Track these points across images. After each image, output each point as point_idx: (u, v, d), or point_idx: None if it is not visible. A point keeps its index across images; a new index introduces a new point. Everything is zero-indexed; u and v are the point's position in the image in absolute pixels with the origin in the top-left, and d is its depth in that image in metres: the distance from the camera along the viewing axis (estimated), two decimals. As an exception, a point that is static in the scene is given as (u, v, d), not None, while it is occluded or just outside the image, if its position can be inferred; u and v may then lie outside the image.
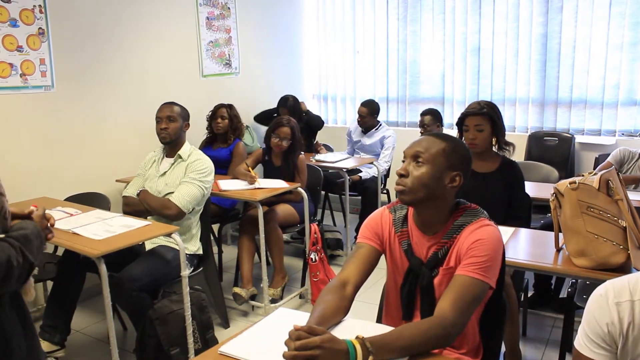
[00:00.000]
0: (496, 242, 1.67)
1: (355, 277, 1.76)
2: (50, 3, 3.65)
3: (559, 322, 3.34)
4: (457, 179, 1.71)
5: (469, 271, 1.61)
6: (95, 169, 3.98)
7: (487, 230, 1.67)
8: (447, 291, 1.62)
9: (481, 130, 2.85)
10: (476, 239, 1.65)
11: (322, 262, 3.79)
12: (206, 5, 4.83)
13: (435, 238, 1.73)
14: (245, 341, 1.63)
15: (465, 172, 1.73)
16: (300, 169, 4.04)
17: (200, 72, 4.86)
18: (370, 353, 1.41)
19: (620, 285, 1.30)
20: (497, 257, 1.66)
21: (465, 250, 1.65)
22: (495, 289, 1.68)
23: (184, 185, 3.18)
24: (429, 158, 1.70)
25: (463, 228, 1.70)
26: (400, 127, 5.76)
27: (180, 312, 2.83)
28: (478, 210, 1.76)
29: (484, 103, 2.93)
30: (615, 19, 4.64)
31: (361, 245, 1.84)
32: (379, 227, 1.85)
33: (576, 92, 4.92)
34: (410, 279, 1.77)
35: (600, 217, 2.15)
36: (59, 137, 3.79)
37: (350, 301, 1.73)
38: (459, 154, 1.73)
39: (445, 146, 1.72)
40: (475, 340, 1.78)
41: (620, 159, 3.70)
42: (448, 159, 1.70)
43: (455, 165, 1.71)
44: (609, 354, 1.29)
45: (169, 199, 3.14)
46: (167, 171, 3.30)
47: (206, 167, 3.28)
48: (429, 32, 5.52)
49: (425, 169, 1.69)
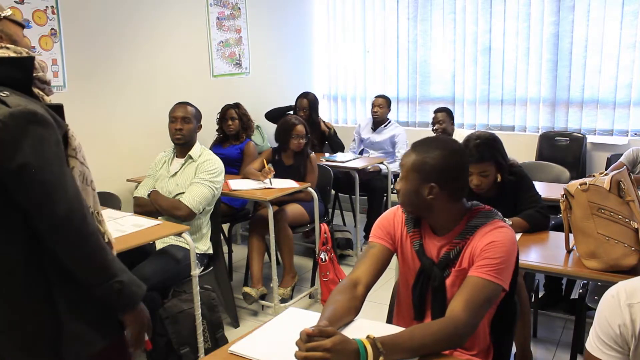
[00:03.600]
0: (510, 245, 1.66)
1: (366, 277, 1.76)
2: (62, 4, 3.68)
3: (569, 324, 3.32)
4: (434, 190, 1.67)
5: (482, 273, 1.61)
6: (106, 168, 4.00)
7: (502, 231, 1.66)
8: (459, 292, 1.62)
9: (486, 175, 2.63)
10: (490, 240, 1.64)
11: (332, 262, 3.79)
12: (216, 5, 4.85)
13: (447, 238, 1.73)
14: (255, 341, 1.63)
15: (442, 181, 1.67)
16: (311, 168, 4.05)
17: (211, 72, 4.87)
18: (381, 353, 1.41)
19: (632, 287, 1.29)
20: (511, 259, 1.65)
21: (479, 251, 1.64)
22: (508, 291, 1.68)
23: (195, 185, 3.19)
24: (404, 174, 1.74)
25: (477, 229, 1.69)
26: (411, 127, 5.74)
27: (191, 311, 2.85)
28: (492, 212, 1.75)
29: (482, 142, 2.62)
30: (627, 17, 4.60)
31: (373, 245, 1.84)
32: (391, 226, 1.85)
33: (588, 91, 4.88)
34: (422, 279, 1.76)
35: (611, 219, 2.13)
36: (71, 136, 3.80)
37: (361, 301, 1.73)
38: (429, 165, 1.67)
39: (414, 160, 1.70)
40: (486, 341, 1.78)
41: (632, 159, 3.67)
42: (419, 172, 1.69)
43: (429, 177, 1.68)
44: (621, 356, 1.28)
45: (180, 199, 3.16)
46: (178, 172, 3.31)
47: (216, 168, 3.29)
48: (439, 32, 5.50)
49: (403, 185, 1.74)
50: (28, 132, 1.31)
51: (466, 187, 1.77)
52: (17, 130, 1.30)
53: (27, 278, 1.40)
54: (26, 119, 1.31)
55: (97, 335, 1.49)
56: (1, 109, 1.29)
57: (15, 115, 1.30)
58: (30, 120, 1.32)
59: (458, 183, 1.72)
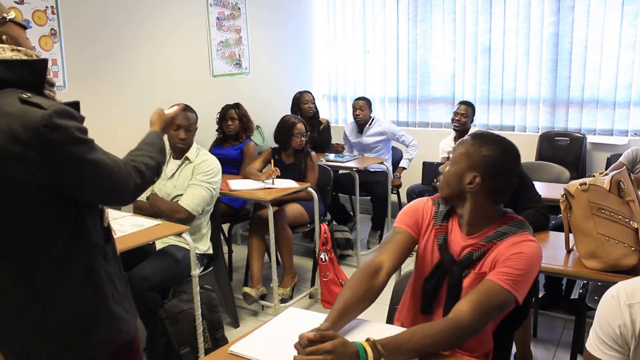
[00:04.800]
0: (536, 260, 1.64)
1: (389, 263, 1.73)
2: (62, 4, 3.68)
3: (570, 324, 3.32)
4: (475, 180, 1.67)
5: (500, 279, 1.59)
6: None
7: (530, 245, 1.65)
8: (471, 293, 1.60)
9: None
10: (518, 251, 1.62)
11: (332, 262, 3.80)
12: (216, 5, 4.85)
13: (474, 239, 1.71)
14: (255, 341, 1.63)
15: (487, 175, 1.67)
16: (312, 166, 4.05)
17: (211, 72, 4.87)
18: (382, 355, 1.41)
19: (632, 287, 1.29)
20: (532, 274, 1.64)
21: (503, 259, 1.63)
22: (522, 305, 1.66)
23: (193, 188, 3.19)
24: (454, 158, 1.74)
25: (506, 237, 1.67)
26: (411, 127, 5.73)
27: (191, 311, 2.85)
28: (524, 224, 1.73)
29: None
30: (627, 17, 4.60)
31: (399, 231, 1.82)
32: (420, 215, 1.84)
33: (588, 91, 4.88)
34: (438, 274, 1.75)
35: (611, 219, 2.13)
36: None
37: (380, 289, 1.71)
38: (482, 155, 1.68)
39: (469, 147, 1.71)
40: (489, 345, 1.77)
41: (632, 159, 3.67)
42: (469, 159, 1.70)
43: (475, 166, 1.68)
44: (621, 356, 1.28)
45: (179, 203, 3.16)
46: (175, 173, 3.31)
47: (213, 168, 3.28)
48: (439, 32, 5.50)
49: (450, 167, 1.74)
50: (71, 128, 1.36)
51: (508, 192, 1.74)
52: (61, 129, 1.34)
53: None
54: (64, 116, 1.36)
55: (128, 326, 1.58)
56: (37, 112, 1.32)
57: (54, 115, 1.33)
58: (67, 116, 1.37)
59: (501, 184, 1.70)
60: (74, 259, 1.46)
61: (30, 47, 1.48)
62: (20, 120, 1.31)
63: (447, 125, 5.57)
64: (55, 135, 1.32)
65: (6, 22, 1.43)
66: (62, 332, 1.47)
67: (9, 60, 1.37)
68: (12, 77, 1.37)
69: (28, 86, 1.39)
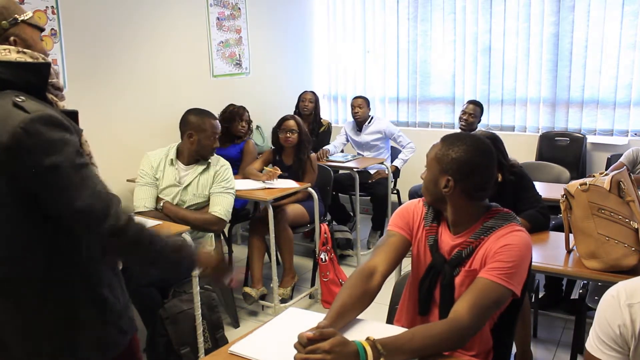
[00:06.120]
0: (525, 249, 1.64)
1: (383, 266, 1.75)
2: (62, 4, 3.68)
3: (570, 324, 3.32)
4: (449, 183, 1.67)
5: (493, 275, 1.59)
6: (106, 168, 3.94)
7: (517, 235, 1.65)
8: (466, 293, 1.60)
9: None
10: (505, 243, 1.63)
11: (332, 262, 3.80)
12: (216, 5, 4.85)
13: (462, 237, 1.72)
14: (255, 341, 1.63)
15: (459, 177, 1.66)
16: (311, 168, 4.05)
17: (211, 72, 4.87)
18: (382, 355, 1.41)
19: (632, 287, 1.29)
20: (523, 264, 1.64)
21: (492, 253, 1.63)
22: (520, 297, 1.66)
23: (221, 197, 3.23)
24: (427, 164, 1.77)
25: (492, 231, 1.68)
26: (411, 127, 5.74)
27: (191, 311, 2.85)
28: (510, 215, 1.73)
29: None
30: (627, 18, 4.60)
31: (392, 234, 1.83)
32: (411, 217, 1.85)
33: (588, 92, 4.88)
34: (432, 275, 1.76)
35: (612, 219, 2.13)
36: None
37: (375, 292, 1.72)
38: (450, 157, 1.68)
39: (439, 150, 1.72)
40: (488, 343, 1.77)
41: (632, 159, 3.67)
42: (439, 163, 1.71)
43: (447, 169, 1.68)
44: (621, 356, 1.28)
45: (214, 214, 3.17)
46: (192, 181, 3.25)
47: (230, 174, 3.35)
48: (439, 32, 5.50)
49: (426, 173, 1.77)
50: (49, 136, 1.30)
51: (486, 188, 1.72)
52: (39, 135, 1.29)
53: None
54: (46, 123, 1.31)
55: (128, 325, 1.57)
56: (20, 115, 1.28)
57: (35, 120, 1.29)
58: (50, 123, 1.31)
59: (475, 182, 1.69)
60: (54, 280, 1.39)
61: (44, 50, 1.46)
62: (3, 123, 1.28)
63: (447, 126, 5.58)
64: (30, 141, 1.27)
65: (17, 23, 1.42)
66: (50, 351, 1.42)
67: (10, 61, 1.35)
68: (13, 79, 1.35)
69: (30, 89, 1.37)
